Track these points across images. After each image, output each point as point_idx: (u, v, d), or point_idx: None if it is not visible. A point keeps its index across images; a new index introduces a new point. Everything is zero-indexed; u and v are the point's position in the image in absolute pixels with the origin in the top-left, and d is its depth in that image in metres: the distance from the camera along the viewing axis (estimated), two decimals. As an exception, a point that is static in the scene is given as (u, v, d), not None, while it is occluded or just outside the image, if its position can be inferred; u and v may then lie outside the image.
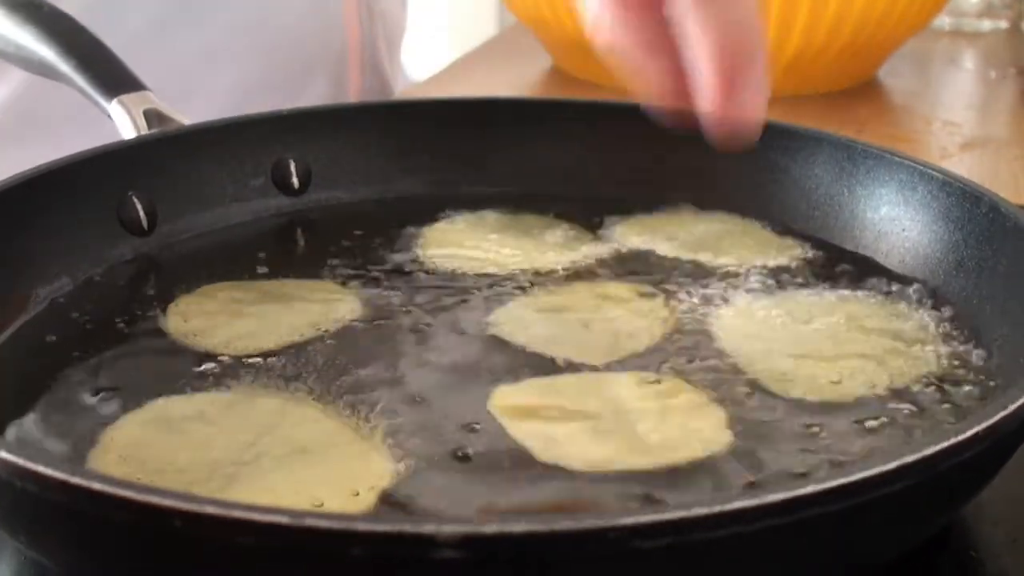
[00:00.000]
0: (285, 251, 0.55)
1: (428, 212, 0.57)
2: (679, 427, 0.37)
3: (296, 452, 0.35)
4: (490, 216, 0.57)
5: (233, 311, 0.46)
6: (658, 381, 0.41)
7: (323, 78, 0.95)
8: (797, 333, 0.44)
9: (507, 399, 0.39)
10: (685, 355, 0.43)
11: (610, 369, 0.42)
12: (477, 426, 0.37)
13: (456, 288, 0.49)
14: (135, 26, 0.83)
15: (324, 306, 0.47)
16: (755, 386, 0.40)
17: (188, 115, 0.56)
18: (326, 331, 0.44)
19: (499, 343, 0.44)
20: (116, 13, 0.82)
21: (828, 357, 0.42)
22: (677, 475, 0.35)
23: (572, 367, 0.42)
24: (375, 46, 0.99)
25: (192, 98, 0.84)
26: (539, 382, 0.41)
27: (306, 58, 0.93)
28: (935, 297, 0.47)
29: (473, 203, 0.58)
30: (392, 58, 1.05)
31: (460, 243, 0.53)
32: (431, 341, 0.44)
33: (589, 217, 0.56)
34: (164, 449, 0.36)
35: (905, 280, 0.49)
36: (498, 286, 0.49)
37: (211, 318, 0.45)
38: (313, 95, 0.93)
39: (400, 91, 1.03)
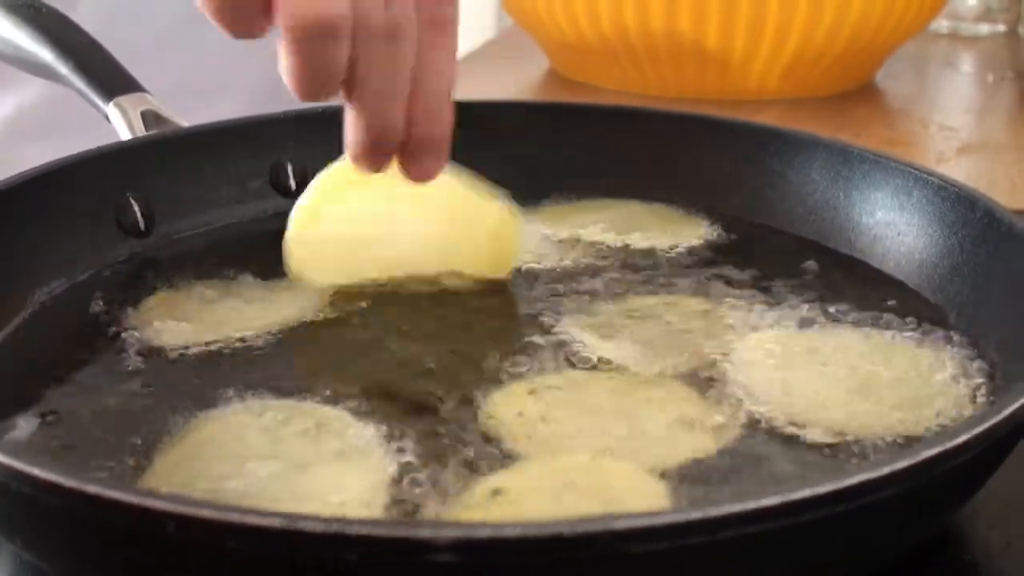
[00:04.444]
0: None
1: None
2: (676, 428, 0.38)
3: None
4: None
5: (212, 309, 0.46)
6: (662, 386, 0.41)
7: None
8: (794, 343, 0.44)
9: (505, 400, 0.39)
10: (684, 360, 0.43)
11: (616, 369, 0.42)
12: (491, 431, 0.37)
13: (455, 285, 0.49)
14: (165, 15, 0.84)
15: (311, 304, 0.47)
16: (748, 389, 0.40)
17: (221, 103, 0.56)
18: (310, 329, 0.45)
19: (497, 340, 0.44)
20: (147, 1, 0.82)
21: (821, 363, 0.42)
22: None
23: (573, 367, 0.42)
24: None
25: (223, 87, 0.84)
26: (542, 380, 0.41)
27: None
28: (930, 301, 0.48)
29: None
30: None
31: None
32: (429, 341, 0.44)
33: (587, 218, 0.56)
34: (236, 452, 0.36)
35: (900, 284, 0.49)
36: (496, 283, 0.49)
37: (190, 316, 0.46)
38: None
39: None
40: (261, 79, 0.89)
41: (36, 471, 0.26)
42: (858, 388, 0.40)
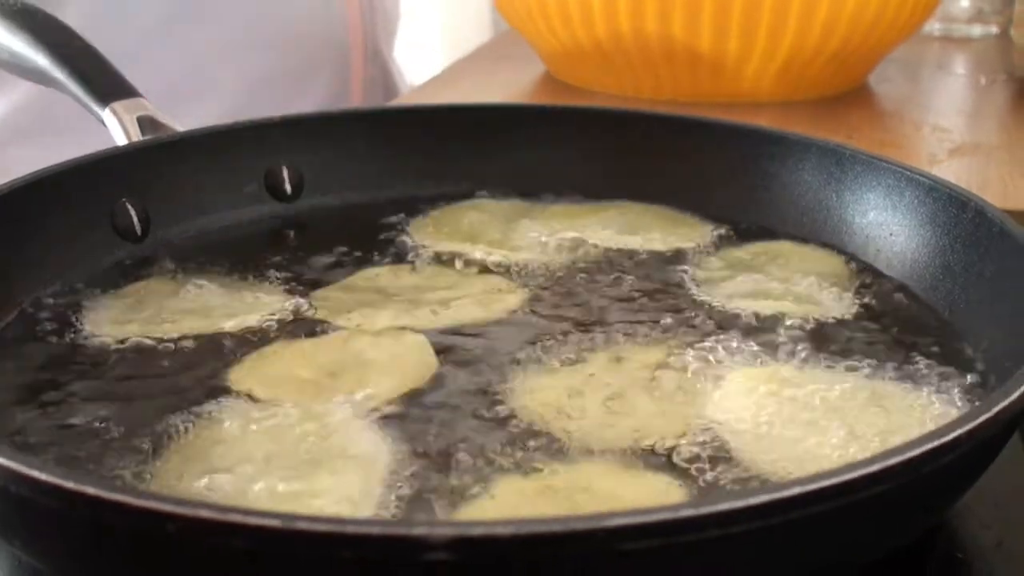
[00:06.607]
0: (276, 256, 0.55)
1: (419, 217, 0.57)
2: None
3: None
4: (481, 220, 0.57)
5: (208, 312, 0.47)
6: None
7: (328, 68, 0.97)
8: (783, 373, 0.44)
9: (525, 396, 0.40)
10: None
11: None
12: (505, 429, 0.38)
13: (450, 291, 0.49)
14: (145, 22, 0.84)
15: (308, 305, 0.47)
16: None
17: (200, 108, 0.56)
18: (308, 329, 0.45)
19: (496, 349, 0.44)
20: (127, 9, 0.83)
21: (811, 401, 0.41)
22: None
23: (575, 363, 0.42)
24: (375, 35, 1.01)
25: (203, 92, 0.85)
26: (553, 376, 0.41)
27: (312, 49, 0.95)
28: (922, 299, 0.48)
29: (464, 208, 0.58)
30: (389, 47, 1.06)
31: (451, 246, 0.54)
32: (438, 335, 0.44)
33: (585, 221, 0.57)
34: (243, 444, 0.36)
35: (891, 283, 0.50)
36: (490, 288, 0.49)
37: (187, 319, 0.46)
38: (320, 85, 0.95)
39: (400, 83, 1.05)
40: (245, 73, 0.90)
41: (36, 473, 0.27)
42: (853, 427, 0.39)
